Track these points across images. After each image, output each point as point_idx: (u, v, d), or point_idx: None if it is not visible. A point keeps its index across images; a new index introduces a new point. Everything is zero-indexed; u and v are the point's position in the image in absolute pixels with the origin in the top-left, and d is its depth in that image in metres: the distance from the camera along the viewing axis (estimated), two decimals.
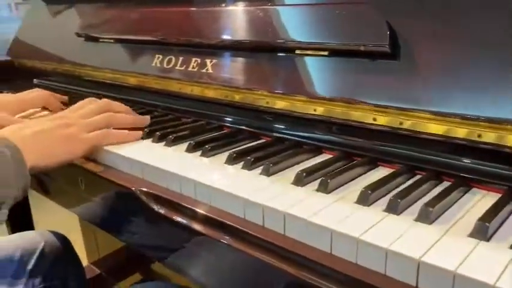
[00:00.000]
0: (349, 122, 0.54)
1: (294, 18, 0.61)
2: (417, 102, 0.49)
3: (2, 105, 0.74)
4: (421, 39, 0.51)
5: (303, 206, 0.42)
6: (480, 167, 0.46)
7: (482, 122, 0.45)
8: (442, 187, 0.46)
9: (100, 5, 0.96)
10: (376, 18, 0.52)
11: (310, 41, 0.57)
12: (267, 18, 0.63)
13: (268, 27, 0.63)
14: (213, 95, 0.69)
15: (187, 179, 0.50)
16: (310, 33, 0.58)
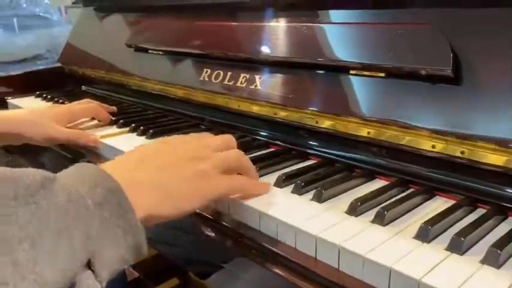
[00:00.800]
0: (405, 147, 0.52)
1: (350, 37, 0.59)
2: (479, 131, 0.46)
3: (54, 115, 0.76)
4: (486, 64, 0.48)
5: (358, 240, 0.40)
6: None
7: None
8: (508, 224, 0.43)
9: (150, 15, 0.98)
10: (439, 41, 0.50)
11: (366, 61, 0.55)
12: (322, 36, 0.62)
13: (323, 45, 0.61)
14: (260, 112, 0.68)
15: (235, 201, 0.49)
16: (367, 54, 0.56)
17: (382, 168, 0.55)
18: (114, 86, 1.04)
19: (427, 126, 0.50)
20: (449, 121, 0.48)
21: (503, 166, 0.45)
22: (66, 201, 0.31)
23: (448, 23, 0.51)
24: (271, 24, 0.70)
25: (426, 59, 0.50)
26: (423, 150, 0.50)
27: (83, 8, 1.25)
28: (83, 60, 1.15)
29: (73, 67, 1.18)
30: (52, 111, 0.77)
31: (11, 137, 0.73)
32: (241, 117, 0.72)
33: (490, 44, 0.49)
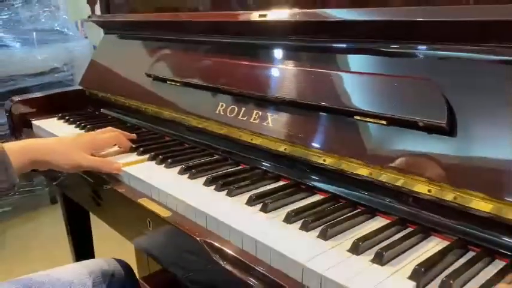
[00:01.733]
0: (402, 189, 0.57)
1: (356, 85, 0.64)
2: (470, 182, 0.51)
3: (80, 144, 0.82)
4: (480, 119, 0.53)
5: (360, 280, 0.45)
6: None
7: None
8: (495, 266, 0.48)
9: (168, 46, 1.04)
10: (436, 95, 0.55)
11: (370, 109, 0.61)
12: (330, 82, 0.67)
13: (330, 91, 0.67)
14: (271, 147, 0.74)
15: (248, 236, 0.54)
16: (372, 102, 0.61)
17: (382, 207, 0.60)
18: (132, 110, 1.10)
19: (423, 173, 0.55)
20: (443, 169, 0.53)
21: (491, 213, 0.50)
22: None
23: (447, 79, 0.56)
24: (284, 67, 0.76)
25: (424, 112, 0.55)
26: (420, 194, 0.55)
27: (104, 35, 1.31)
28: (102, 84, 1.22)
29: (93, 91, 1.25)
30: (78, 141, 0.83)
31: (40, 164, 0.79)
32: (254, 149, 0.77)
33: (484, 100, 0.54)
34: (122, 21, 1.22)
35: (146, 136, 0.99)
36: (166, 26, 1.05)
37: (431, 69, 0.58)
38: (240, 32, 0.86)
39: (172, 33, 1.05)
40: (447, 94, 0.55)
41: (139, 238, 0.75)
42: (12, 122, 1.18)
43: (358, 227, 0.57)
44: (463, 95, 0.55)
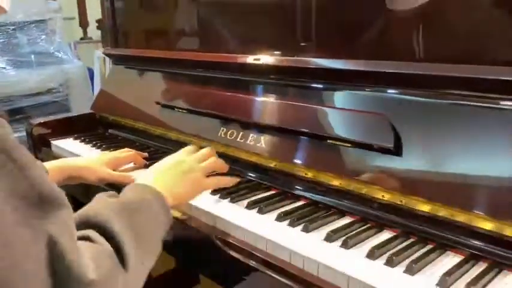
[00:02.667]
0: (365, 195, 0.77)
1: (329, 117, 0.84)
2: (413, 189, 0.71)
3: (105, 162, 1.00)
4: (419, 142, 0.73)
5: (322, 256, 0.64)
6: (453, 237, 0.67)
7: (453, 207, 0.66)
8: (425, 248, 0.68)
9: (175, 78, 1.23)
10: (386, 125, 0.75)
11: (339, 135, 0.81)
12: (309, 113, 0.87)
13: (309, 120, 0.86)
14: (264, 163, 0.93)
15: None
16: (341, 129, 0.81)
17: (350, 209, 0.79)
18: (139, 131, 1.28)
19: (379, 183, 0.75)
20: (390, 179, 0.73)
21: (430, 212, 0.69)
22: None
23: (394, 114, 0.76)
24: (272, 100, 0.96)
25: (378, 137, 0.75)
26: (377, 198, 0.75)
27: (112, 65, 1.49)
28: (112, 109, 1.39)
29: (103, 114, 1.42)
30: (103, 159, 1.01)
31: (74, 179, 0.97)
32: (250, 165, 0.96)
33: (422, 129, 0.74)
34: (129, 56, 1.40)
35: (155, 154, 1.17)
36: (170, 62, 1.24)
37: (385, 106, 0.78)
38: (237, 70, 1.05)
39: (177, 68, 1.23)
40: (395, 125, 0.75)
41: None
42: (33, 142, 1.35)
43: (332, 223, 0.76)
44: (407, 126, 0.75)
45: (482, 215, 0.64)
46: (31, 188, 0.46)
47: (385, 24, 0.82)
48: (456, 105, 0.72)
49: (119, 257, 0.54)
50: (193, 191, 0.79)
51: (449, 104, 0.73)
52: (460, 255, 0.66)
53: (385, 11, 0.81)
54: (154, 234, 0.64)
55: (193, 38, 1.24)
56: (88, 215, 0.57)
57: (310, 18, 0.91)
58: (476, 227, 0.65)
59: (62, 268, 0.46)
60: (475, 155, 0.68)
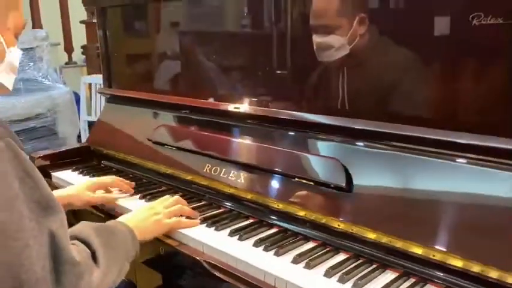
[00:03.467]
0: (325, 224, 0.95)
1: (295, 158, 1.03)
2: (361, 220, 0.89)
3: (89, 186, 1.18)
4: (365, 182, 0.92)
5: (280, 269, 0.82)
6: (392, 259, 0.85)
7: (392, 235, 0.85)
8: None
9: (165, 117, 1.39)
10: (340, 168, 0.94)
11: (303, 175, 0.99)
12: (279, 154, 1.05)
13: (279, 160, 1.05)
14: (242, 195, 1.10)
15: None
16: (305, 170, 1.00)
17: (311, 234, 0.97)
18: (132, 164, 1.44)
19: (335, 214, 0.93)
20: (344, 211, 0.91)
21: (380, 241, 0.87)
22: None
23: (346, 159, 0.95)
24: (250, 142, 1.14)
25: (333, 177, 0.94)
26: (333, 227, 0.93)
27: (106, 103, 1.65)
28: (106, 142, 1.55)
29: (97, 147, 1.58)
30: (86, 184, 1.20)
31: (65, 207, 1.12)
32: (231, 197, 1.14)
33: (369, 171, 0.93)
34: (121, 96, 1.57)
35: (149, 186, 1.33)
36: (161, 104, 1.41)
37: (339, 153, 0.97)
38: (220, 115, 1.23)
39: (166, 109, 1.41)
40: (347, 167, 0.94)
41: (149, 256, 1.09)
42: None
43: (298, 248, 0.94)
44: (356, 168, 0.94)
45: (414, 242, 0.83)
46: (41, 196, 0.69)
47: (335, 86, 1.02)
48: (394, 153, 0.91)
49: (93, 257, 0.78)
50: (156, 230, 1.00)
51: (389, 153, 0.92)
52: (396, 273, 0.84)
53: (337, 76, 1.00)
54: (121, 252, 0.87)
55: (181, 84, 1.41)
56: (74, 231, 0.81)
57: (281, 78, 1.10)
58: (409, 251, 0.83)
59: (58, 252, 0.69)
60: (407, 192, 0.87)
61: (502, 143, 0.77)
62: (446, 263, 0.79)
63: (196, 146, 1.24)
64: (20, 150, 0.69)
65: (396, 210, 0.88)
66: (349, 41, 0.99)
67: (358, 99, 0.99)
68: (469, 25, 0.79)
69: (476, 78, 0.84)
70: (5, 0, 0.76)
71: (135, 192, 1.25)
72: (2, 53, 0.76)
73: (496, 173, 0.78)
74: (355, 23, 0.97)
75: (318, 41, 1.04)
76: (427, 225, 0.84)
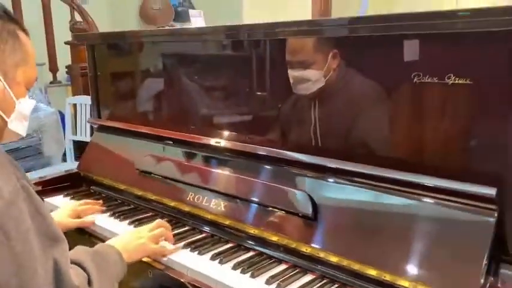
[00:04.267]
0: (294, 248, 1.08)
1: (267, 190, 1.16)
2: (324, 244, 1.03)
3: (66, 214, 1.34)
4: (332, 212, 1.06)
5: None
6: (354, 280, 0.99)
7: (349, 259, 0.98)
8: None
9: (151, 147, 1.51)
10: (306, 199, 1.07)
11: (276, 204, 1.13)
12: (255, 186, 1.19)
13: (255, 191, 1.18)
14: (222, 221, 1.23)
15: None
16: (277, 200, 1.13)
17: (282, 258, 1.10)
18: (120, 191, 1.56)
19: (301, 238, 1.06)
20: (311, 237, 1.05)
21: (341, 264, 1.01)
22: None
23: (314, 190, 1.09)
24: (229, 173, 1.27)
25: (300, 207, 1.08)
26: (301, 250, 1.06)
27: (95, 132, 1.76)
28: (95, 169, 1.66)
29: (87, 173, 1.68)
30: (67, 210, 1.35)
31: None
32: (212, 223, 1.26)
33: (331, 201, 1.07)
34: (110, 126, 1.68)
35: (135, 212, 1.45)
36: (146, 135, 1.54)
37: (307, 185, 1.11)
38: (203, 148, 1.36)
39: (151, 140, 1.53)
40: (314, 197, 1.07)
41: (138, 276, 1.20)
42: None
43: (271, 270, 1.07)
44: (321, 199, 1.07)
45: (369, 266, 0.96)
46: (48, 229, 0.82)
47: (306, 126, 1.16)
48: (354, 188, 1.05)
49: (88, 279, 0.90)
50: (140, 252, 1.12)
51: (350, 187, 1.06)
52: None
53: (309, 118, 1.14)
54: (111, 274, 0.99)
55: (165, 117, 1.54)
56: (72, 256, 0.91)
57: (257, 117, 1.24)
58: (365, 273, 0.97)
59: (60, 277, 0.81)
60: (364, 222, 1.01)
61: (442, 182, 0.92)
62: (395, 284, 0.93)
63: (180, 176, 1.36)
64: (32, 190, 0.82)
65: (354, 237, 1.01)
66: (325, 75, 1.10)
67: (326, 139, 1.13)
68: (412, 81, 0.94)
69: (425, 125, 0.99)
70: (13, 59, 0.87)
71: (121, 217, 1.38)
72: (13, 104, 0.88)
73: (436, 207, 0.93)
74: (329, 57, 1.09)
75: (295, 75, 1.16)
76: (379, 250, 0.98)
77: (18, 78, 0.88)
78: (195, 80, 1.42)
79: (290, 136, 1.22)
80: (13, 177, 0.78)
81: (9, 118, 0.87)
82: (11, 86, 0.87)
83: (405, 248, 0.95)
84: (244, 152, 1.25)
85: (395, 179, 0.98)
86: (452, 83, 0.89)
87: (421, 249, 0.93)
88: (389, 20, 0.93)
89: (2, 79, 0.84)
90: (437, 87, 0.91)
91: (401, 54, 0.96)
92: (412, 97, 0.97)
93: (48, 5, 3.90)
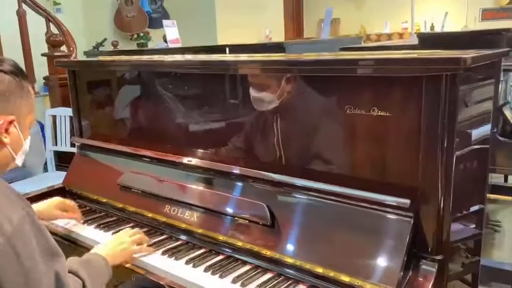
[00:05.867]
0: (256, 252, 1.27)
1: (230, 202, 1.36)
2: (281, 248, 1.23)
3: (55, 206, 1.54)
4: (284, 221, 1.26)
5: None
6: (304, 277, 1.19)
7: (302, 260, 1.19)
8: None
9: (131, 164, 1.69)
10: (264, 209, 1.27)
11: (239, 214, 1.32)
12: (222, 199, 1.38)
13: (222, 203, 1.37)
14: (196, 230, 1.42)
15: None
16: (242, 211, 1.33)
17: (248, 260, 1.29)
18: (103, 204, 1.73)
19: (262, 244, 1.26)
20: (269, 243, 1.25)
21: (295, 264, 1.21)
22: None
23: (271, 201, 1.28)
24: (200, 188, 1.46)
25: (259, 216, 1.27)
26: (263, 253, 1.26)
27: (78, 150, 1.92)
28: (79, 184, 1.82)
29: (71, 187, 1.85)
30: (55, 203, 1.55)
31: None
32: (186, 232, 1.45)
33: (287, 211, 1.26)
34: (92, 145, 1.85)
35: (119, 222, 1.62)
36: (125, 153, 1.71)
37: (266, 198, 1.30)
38: (176, 165, 1.54)
39: (128, 157, 1.70)
40: (271, 207, 1.27)
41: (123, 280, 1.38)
42: None
43: (237, 271, 1.26)
44: (278, 210, 1.27)
45: (318, 265, 1.16)
46: (49, 246, 0.99)
47: (264, 147, 1.35)
48: (305, 200, 1.25)
49: (83, 285, 1.08)
50: (123, 255, 1.31)
51: (301, 199, 1.26)
52: (305, 286, 1.18)
53: (265, 139, 1.34)
54: (101, 279, 1.18)
55: (142, 137, 1.72)
56: (67, 265, 1.07)
57: (223, 140, 1.44)
58: (315, 271, 1.17)
59: (61, 286, 0.98)
60: (313, 228, 1.22)
61: (369, 194, 1.12)
62: (338, 279, 1.13)
63: (157, 190, 1.54)
64: (34, 215, 0.99)
65: (306, 241, 1.22)
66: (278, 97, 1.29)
67: (281, 159, 1.33)
68: (344, 112, 1.14)
69: (356, 149, 1.20)
70: (25, 110, 1.09)
71: (105, 229, 1.56)
72: (21, 145, 1.10)
73: (375, 215, 1.13)
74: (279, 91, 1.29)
75: (254, 96, 1.35)
76: (326, 252, 1.18)
77: (26, 123, 1.11)
78: (168, 104, 1.60)
79: (250, 155, 1.41)
80: (19, 206, 0.96)
81: (17, 155, 1.08)
82: (22, 130, 1.09)
83: (344, 249, 1.15)
84: (212, 170, 1.44)
85: (336, 191, 1.18)
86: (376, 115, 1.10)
87: (356, 249, 1.13)
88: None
89: (17, 127, 1.05)
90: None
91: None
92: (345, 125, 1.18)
93: (24, 17, 4.00)
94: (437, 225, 1.08)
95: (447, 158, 1.01)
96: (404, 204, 1.06)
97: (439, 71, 0.99)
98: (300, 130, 1.28)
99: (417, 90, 1.03)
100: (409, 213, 1.07)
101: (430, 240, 1.10)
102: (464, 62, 0.96)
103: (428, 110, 1.02)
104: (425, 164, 1.05)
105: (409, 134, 1.07)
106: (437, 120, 1.00)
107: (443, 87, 1.00)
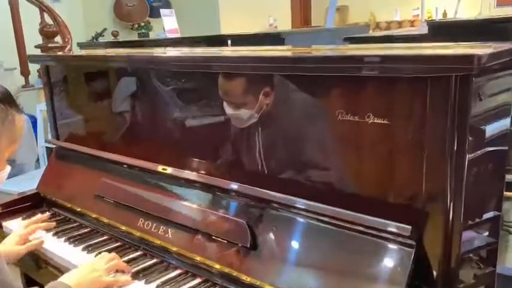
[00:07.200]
0: (236, 278, 1.12)
1: (209, 216, 1.19)
2: (264, 277, 1.06)
3: (14, 243, 1.37)
4: (268, 243, 1.09)
5: None
6: None
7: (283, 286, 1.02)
8: None
9: (106, 171, 1.53)
10: (244, 229, 1.11)
11: (216, 233, 1.16)
12: (198, 214, 1.22)
13: (198, 219, 1.21)
14: (170, 248, 1.26)
15: None
16: (220, 229, 1.16)
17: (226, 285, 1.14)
18: (78, 213, 1.58)
19: (240, 266, 1.10)
20: (249, 267, 1.08)
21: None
22: None
23: (252, 220, 1.12)
24: (177, 201, 1.30)
25: (239, 238, 1.11)
26: (241, 280, 1.10)
27: (54, 154, 1.77)
28: (54, 190, 1.68)
29: (47, 195, 1.70)
30: (15, 240, 1.38)
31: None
32: (161, 249, 1.29)
33: (270, 232, 1.10)
34: (68, 149, 1.70)
35: (92, 234, 1.47)
36: (100, 158, 1.55)
37: (247, 216, 1.14)
38: (151, 173, 1.38)
39: (104, 162, 1.54)
40: (254, 229, 1.11)
41: None
42: None
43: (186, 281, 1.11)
44: (260, 230, 1.11)
45: None
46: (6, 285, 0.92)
47: (247, 158, 1.18)
48: (285, 216, 1.08)
49: None
50: (94, 285, 1.15)
51: (286, 217, 1.09)
52: None
53: (247, 151, 1.17)
54: None
55: (119, 142, 1.56)
56: None
57: (198, 150, 1.27)
58: None
59: None
60: (307, 257, 1.05)
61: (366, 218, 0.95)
62: None
63: (131, 202, 1.39)
64: None
65: (291, 267, 1.05)
66: (257, 111, 1.14)
67: (266, 172, 1.16)
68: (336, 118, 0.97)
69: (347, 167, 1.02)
70: (6, 141, 1.02)
71: (76, 242, 1.42)
72: None
73: (372, 242, 0.96)
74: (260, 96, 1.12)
75: (231, 112, 1.20)
76: (313, 282, 1.01)
77: (6, 155, 1.07)
78: (145, 108, 1.44)
79: (230, 167, 1.24)
80: None
81: None
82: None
83: (334, 279, 0.99)
84: (188, 180, 1.28)
85: (326, 213, 1.01)
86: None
87: (353, 276, 0.97)
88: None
89: None
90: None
91: None
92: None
93: (16, 7, 3.85)
94: (444, 254, 0.91)
95: (456, 179, 0.83)
96: (405, 230, 0.88)
97: (447, 71, 0.81)
98: (285, 140, 1.11)
99: (420, 95, 0.85)
100: (410, 241, 0.90)
101: (436, 271, 0.92)
102: (478, 60, 0.77)
103: (434, 119, 0.84)
104: (430, 183, 0.87)
105: (409, 147, 0.89)
106: (444, 132, 0.82)
107: (452, 91, 0.82)
